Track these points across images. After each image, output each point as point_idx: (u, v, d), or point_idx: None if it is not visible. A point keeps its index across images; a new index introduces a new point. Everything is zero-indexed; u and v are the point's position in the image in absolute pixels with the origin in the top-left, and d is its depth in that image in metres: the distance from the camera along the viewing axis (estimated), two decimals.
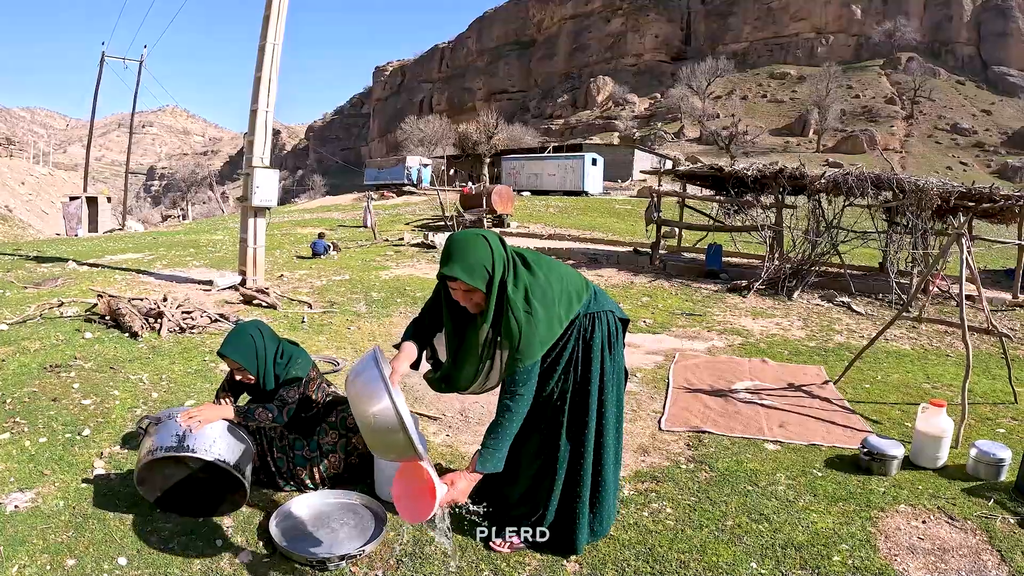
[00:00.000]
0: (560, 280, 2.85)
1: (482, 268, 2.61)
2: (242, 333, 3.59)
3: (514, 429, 2.74)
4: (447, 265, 2.61)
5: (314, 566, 2.96)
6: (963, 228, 5.90)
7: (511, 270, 2.70)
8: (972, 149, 75.60)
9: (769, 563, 3.05)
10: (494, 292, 2.64)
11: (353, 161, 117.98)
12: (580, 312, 2.92)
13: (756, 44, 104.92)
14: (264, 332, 3.64)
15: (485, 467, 2.66)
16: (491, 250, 2.65)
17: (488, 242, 2.67)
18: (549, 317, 2.74)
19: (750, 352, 7.44)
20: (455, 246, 2.65)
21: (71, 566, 2.90)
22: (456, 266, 2.59)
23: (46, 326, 7.16)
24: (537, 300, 2.70)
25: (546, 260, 2.92)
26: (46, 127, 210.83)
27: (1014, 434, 4.87)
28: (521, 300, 2.68)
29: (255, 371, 3.54)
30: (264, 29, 10.17)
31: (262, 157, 10.21)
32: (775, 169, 12.35)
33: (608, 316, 3.03)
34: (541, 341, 2.71)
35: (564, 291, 2.84)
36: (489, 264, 2.62)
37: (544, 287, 2.75)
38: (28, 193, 46.19)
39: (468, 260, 2.60)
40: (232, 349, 3.51)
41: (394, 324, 8.18)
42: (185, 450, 3.16)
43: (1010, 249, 14.70)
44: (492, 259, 2.63)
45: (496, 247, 2.68)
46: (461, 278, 2.58)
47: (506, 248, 2.75)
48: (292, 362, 3.63)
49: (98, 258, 13.51)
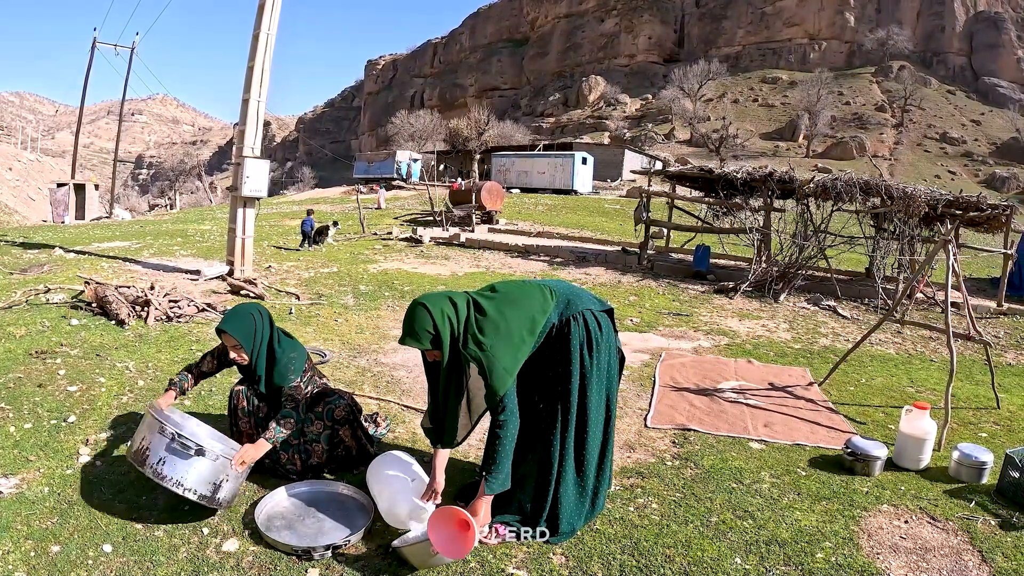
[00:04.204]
0: (514, 307, 3.10)
1: (425, 332, 2.94)
2: (243, 312, 3.63)
3: (508, 450, 3.03)
4: (401, 339, 3.00)
5: (299, 555, 2.96)
6: (950, 235, 5.95)
7: (460, 322, 2.99)
8: (961, 158, 76.07)
9: (753, 559, 3.08)
10: (445, 346, 2.96)
11: (343, 154, 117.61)
12: (553, 322, 3.13)
13: (749, 48, 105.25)
14: (264, 315, 3.68)
15: (494, 489, 3.01)
16: (430, 314, 2.94)
17: (427, 308, 2.96)
18: (509, 345, 2.99)
19: (736, 352, 7.48)
20: (406, 318, 3.00)
21: (56, 552, 2.89)
22: (406, 338, 2.97)
23: (32, 312, 7.11)
24: (489, 336, 2.98)
25: (502, 294, 3.19)
26: (35, 113, 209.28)
27: (996, 438, 4.93)
28: (472, 344, 2.97)
29: (250, 351, 3.57)
30: (258, 18, 10.13)
31: (253, 147, 10.17)
32: (764, 172, 12.39)
33: (585, 315, 3.19)
34: (505, 369, 2.96)
35: (523, 316, 3.08)
36: (430, 327, 2.94)
37: (496, 321, 3.02)
38: (15, 179, 45.83)
39: (413, 329, 2.95)
40: (232, 326, 3.54)
41: (381, 317, 8.17)
42: (217, 504, 3.21)
43: (995, 258, 14.81)
44: (432, 321, 2.94)
45: (436, 310, 2.96)
46: (411, 345, 2.96)
47: (455, 302, 3.03)
48: (287, 354, 3.67)
49: (85, 245, 13.42)
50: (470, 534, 2.83)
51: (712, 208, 15.35)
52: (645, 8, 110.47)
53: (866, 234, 12.51)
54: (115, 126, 40.55)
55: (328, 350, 6.47)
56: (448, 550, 2.83)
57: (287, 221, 20.49)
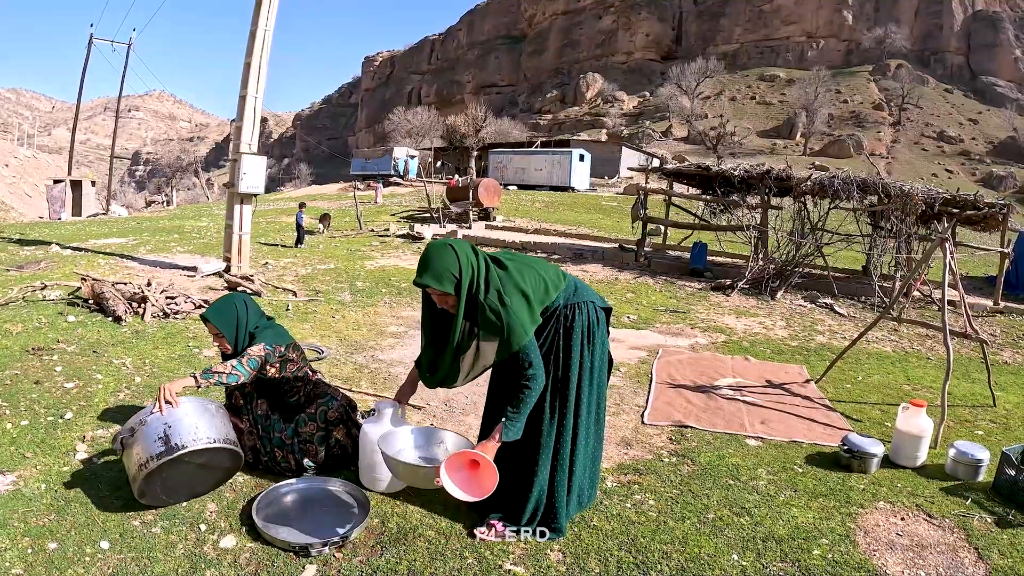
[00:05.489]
0: (532, 270, 3.07)
1: (449, 274, 2.83)
2: (228, 302, 3.66)
3: (532, 403, 3.00)
4: (419, 276, 2.87)
5: (297, 552, 2.95)
6: (947, 233, 5.96)
7: (480, 274, 2.90)
8: (958, 157, 76.20)
9: (750, 555, 3.08)
10: (463, 294, 2.85)
11: (340, 151, 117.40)
12: (560, 302, 3.10)
13: (747, 46, 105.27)
14: (249, 306, 3.69)
15: (508, 436, 2.96)
16: (457, 257, 2.86)
17: (455, 250, 2.88)
18: (528, 303, 2.96)
19: (733, 350, 7.49)
20: (427, 256, 2.88)
21: (53, 549, 2.89)
22: (426, 275, 2.84)
23: (29, 309, 7.10)
24: (510, 292, 2.92)
25: (520, 256, 3.19)
26: (31, 109, 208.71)
27: (992, 436, 4.94)
28: (495, 296, 2.89)
29: (232, 340, 3.58)
30: (256, 14, 10.11)
31: (250, 143, 10.16)
32: (762, 170, 12.40)
33: (589, 306, 3.17)
34: (523, 323, 2.91)
35: (539, 279, 3.05)
36: (455, 270, 2.84)
37: (516, 279, 2.97)
38: (11, 176, 45.71)
39: (436, 269, 2.84)
40: (215, 314, 3.57)
41: (378, 314, 8.17)
42: (176, 449, 3.13)
43: (992, 257, 14.85)
44: (459, 265, 2.85)
45: (463, 254, 2.89)
46: (431, 285, 2.84)
47: (477, 254, 2.96)
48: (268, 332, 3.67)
49: (82, 242, 13.40)
50: (489, 475, 2.90)
51: (709, 205, 15.37)
52: (643, 5, 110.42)
53: (863, 232, 12.53)
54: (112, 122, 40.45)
55: (325, 346, 6.47)
56: (470, 489, 2.93)
57: (284, 218, 20.45)
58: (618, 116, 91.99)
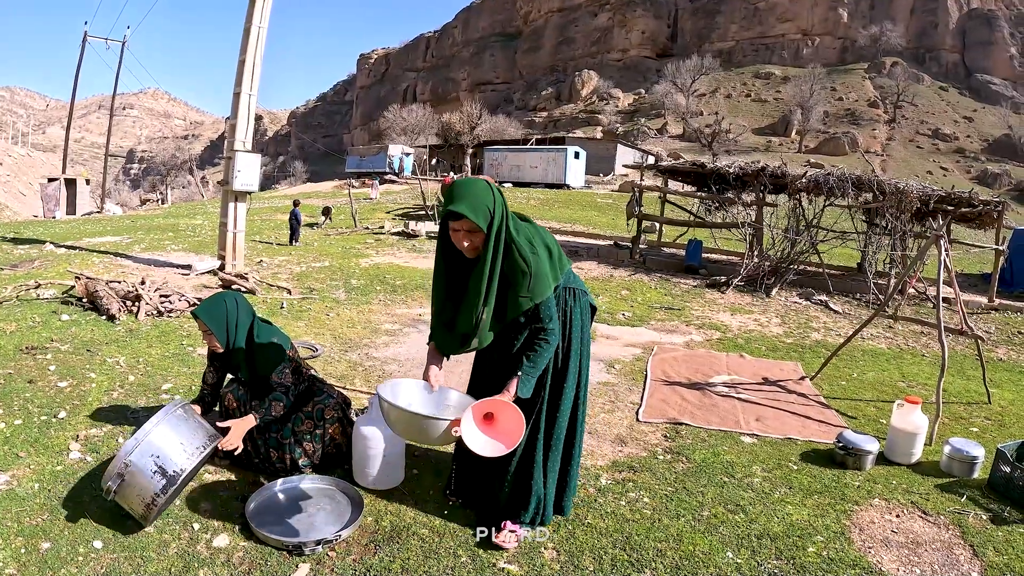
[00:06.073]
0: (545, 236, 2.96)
1: (485, 208, 2.63)
2: (219, 300, 3.64)
3: (546, 359, 2.89)
4: (454, 203, 2.62)
5: (290, 550, 2.95)
6: (941, 231, 5.96)
7: (510, 215, 2.77)
8: (953, 155, 76.25)
9: (745, 553, 3.08)
10: (493, 233, 2.66)
11: (335, 148, 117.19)
12: (560, 282, 2.99)
13: (742, 43, 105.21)
14: (240, 304, 3.67)
15: (523, 391, 2.81)
16: (492, 193, 2.69)
17: (490, 186, 2.72)
18: (551, 259, 2.88)
19: (728, 347, 7.49)
20: (460, 187, 2.68)
21: (46, 549, 2.87)
22: (462, 204, 2.60)
23: (22, 308, 7.07)
24: (538, 243, 2.84)
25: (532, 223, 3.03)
26: (25, 107, 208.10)
27: (987, 433, 4.95)
28: (525, 241, 2.78)
29: (222, 339, 3.57)
30: (250, 11, 10.07)
31: (244, 141, 10.12)
32: (757, 167, 12.43)
33: (582, 296, 3.15)
34: (550, 275, 2.82)
35: (554, 244, 2.96)
36: (491, 204, 2.65)
37: (542, 233, 2.92)
38: (5, 174, 45.55)
39: (473, 199, 2.62)
40: (205, 312, 3.56)
41: (373, 311, 8.15)
42: (178, 476, 3.05)
43: (987, 254, 14.89)
44: (494, 201, 2.67)
45: (497, 192, 2.72)
46: (467, 215, 2.58)
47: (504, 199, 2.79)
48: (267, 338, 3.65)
49: (76, 240, 13.35)
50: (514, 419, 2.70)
51: (704, 203, 15.40)
52: (638, 3, 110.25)
53: (858, 229, 12.55)
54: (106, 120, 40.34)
55: (320, 344, 6.45)
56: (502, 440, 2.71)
57: (279, 216, 20.41)
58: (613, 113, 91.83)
